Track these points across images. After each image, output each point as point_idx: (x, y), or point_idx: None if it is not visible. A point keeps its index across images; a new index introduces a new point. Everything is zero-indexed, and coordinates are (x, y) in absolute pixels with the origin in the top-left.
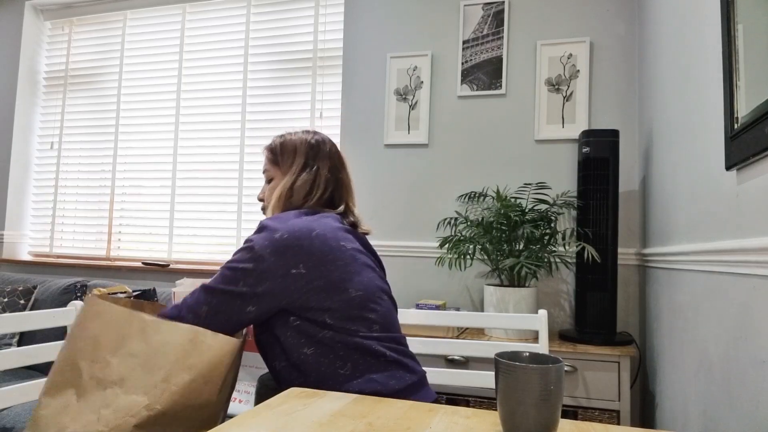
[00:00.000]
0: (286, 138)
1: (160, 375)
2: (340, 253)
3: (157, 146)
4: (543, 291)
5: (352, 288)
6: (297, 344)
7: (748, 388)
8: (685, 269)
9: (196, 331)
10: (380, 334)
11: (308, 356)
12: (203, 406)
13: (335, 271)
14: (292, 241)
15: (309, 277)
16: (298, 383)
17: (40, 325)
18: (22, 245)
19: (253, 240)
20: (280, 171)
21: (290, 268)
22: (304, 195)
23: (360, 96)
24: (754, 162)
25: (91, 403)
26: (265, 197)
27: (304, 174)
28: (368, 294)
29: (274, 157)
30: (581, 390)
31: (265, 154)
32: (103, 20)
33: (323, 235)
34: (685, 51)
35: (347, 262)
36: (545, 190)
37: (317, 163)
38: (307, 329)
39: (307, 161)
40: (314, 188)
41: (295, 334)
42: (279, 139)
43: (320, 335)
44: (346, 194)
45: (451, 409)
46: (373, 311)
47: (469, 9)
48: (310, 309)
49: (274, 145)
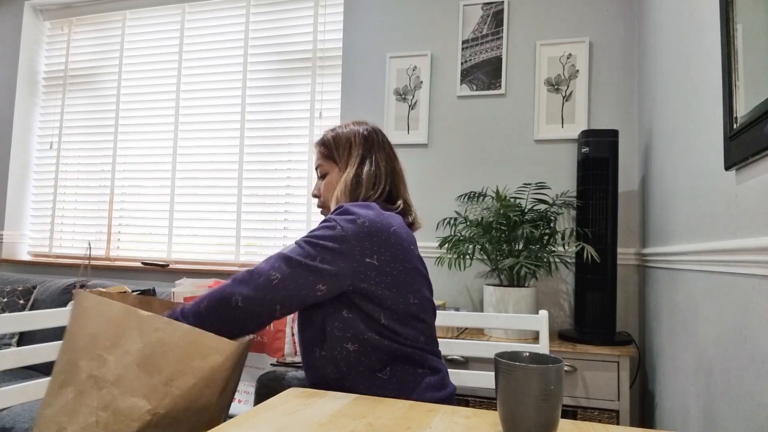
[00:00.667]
0: (338, 132)
1: (161, 377)
2: (410, 256)
3: (156, 146)
4: (542, 291)
5: (411, 294)
6: (342, 338)
7: (748, 388)
8: (685, 269)
9: (197, 333)
10: (425, 347)
11: (350, 353)
12: (204, 409)
13: (403, 273)
14: (373, 230)
15: (380, 270)
16: (332, 378)
17: (40, 325)
18: (21, 245)
19: (336, 220)
20: (336, 165)
21: (365, 257)
22: (370, 187)
23: (359, 96)
24: (753, 162)
25: (88, 404)
26: (321, 193)
27: (365, 166)
28: (422, 305)
29: (329, 152)
30: (581, 390)
31: (318, 149)
32: (102, 20)
33: (399, 234)
34: (684, 51)
35: (413, 268)
36: (545, 190)
37: (375, 155)
38: (356, 324)
39: (364, 153)
40: (378, 181)
41: (343, 327)
42: (331, 133)
43: (368, 334)
44: (402, 186)
45: (451, 409)
46: (423, 322)
47: (469, 9)
48: (370, 302)
49: (327, 139)
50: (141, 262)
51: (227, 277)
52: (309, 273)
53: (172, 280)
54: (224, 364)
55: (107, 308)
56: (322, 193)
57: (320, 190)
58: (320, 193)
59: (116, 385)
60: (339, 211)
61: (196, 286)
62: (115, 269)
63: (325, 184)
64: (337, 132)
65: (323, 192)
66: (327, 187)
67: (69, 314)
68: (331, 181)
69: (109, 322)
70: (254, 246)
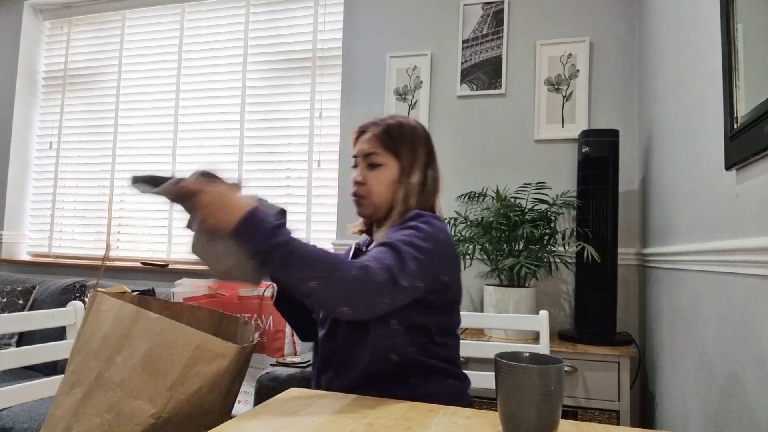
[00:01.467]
0: (402, 122)
1: (165, 382)
2: (460, 274)
3: (156, 146)
4: (543, 291)
5: (456, 312)
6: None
7: (749, 388)
8: (685, 269)
9: (203, 338)
10: (454, 354)
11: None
12: (207, 413)
13: (458, 292)
14: (449, 246)
15: (448, 286)
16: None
17: (39, 326)
18: (21, 245)
19: (423, 227)
20: (397, 161)
21: (440, 273)
22: (434, 194)
23: (359, 96)
24: (753, 162)
25: (95, 405)
26: (368, 183)
27: (430, 171)
28: (459, 321)
29: (391, 143)
30: (581, 390)
31: (376, 134)
32: (101, 20)
33: (455, 251)
34: (684, 50)
35: (461, 285)
36: (545, 190)
37: (435, 159)
38: (402, 339)
39: (428, 156)
40: (437, 189)
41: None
42: (392, 121)
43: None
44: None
45: (451, 409)
46: (456, 337)
47: (469, 9)
48: (429, 316)
49: (392, 127)
50: (141, 262)
51: None
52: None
53: (171, 280)
54: (228, 369)
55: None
56: (369, 185)
57: (366, 179)
58: (366, 183)
59: (121, 387)
60: (422, 219)
61: (195, 286)
62: (115, 269)
63: (378, 178)
64: (400, 122)
65: (374, 185)
66: (380, 181)
67: (68, 314)
68: (387, 176)
69: (119, 324)
70: None
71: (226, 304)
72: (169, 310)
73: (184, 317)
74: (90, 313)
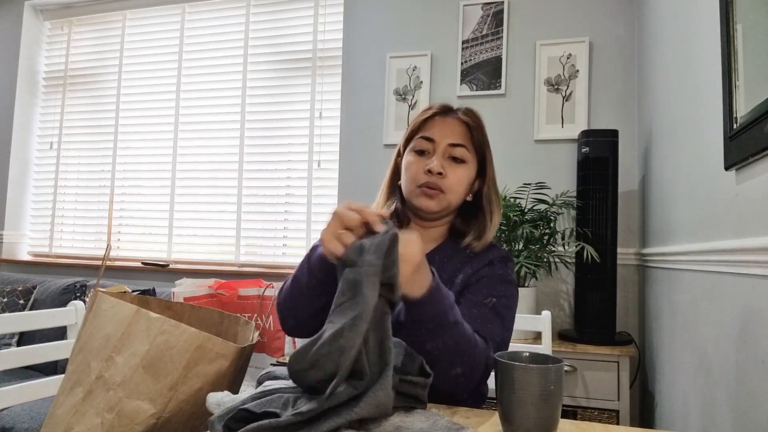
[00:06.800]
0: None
1: (166, 382)
2: None
3: (156, 146)
4: (543, 291)
5: None
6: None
7: (748, 388)
8: (685, 269)
9: (204, 338)
10: None
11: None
12: (208, 413)
13: None
14: None
15: None
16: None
17: (40, 325)
18: (21, 245)
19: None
20: (476, 163)
21: None
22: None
23: (359, 96)
24: (753, 162)
25: (96, 405)
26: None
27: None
28: None
29: (481, 141)
30: (581, 390)
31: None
32: (102, 20)
33: None
34: (684, 51)
35: None
36: (544, 190)
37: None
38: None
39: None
40: None
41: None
42: (476, 115)
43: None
44: None
45: (451, 409)
46: None
47: (469, 9)
48: None
49: (480, 122)
50: (141, 262)
51: (227, 277)
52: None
53: (172, 280)
54: (229, 369)
55: (122, 310)
56: (450, 181)
57: (446, 173)
58: (446, 177)
59: (122, 387)
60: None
61: (196, 286)
62: (116, 269)
63: (460, 175)
64: (480, 118)
65: (454, 183)
66: (460, 180)
67: (69, 314)
68: (468, 177)
69: (120, 323)
70: (254, 246)
71: (227, 303)
72: (169, 309)
73: (185, 317)
74: (90, 312)
